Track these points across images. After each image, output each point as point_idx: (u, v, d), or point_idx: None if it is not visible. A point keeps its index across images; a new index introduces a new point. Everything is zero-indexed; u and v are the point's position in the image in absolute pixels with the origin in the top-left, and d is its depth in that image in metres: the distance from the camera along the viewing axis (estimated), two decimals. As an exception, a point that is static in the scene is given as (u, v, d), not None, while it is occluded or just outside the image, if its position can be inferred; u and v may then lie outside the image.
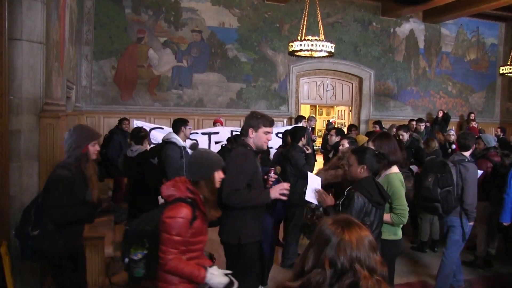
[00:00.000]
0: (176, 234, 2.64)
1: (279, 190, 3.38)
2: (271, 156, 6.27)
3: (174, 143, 5.45)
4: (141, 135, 5.95)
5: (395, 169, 3.61)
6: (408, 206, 3.54)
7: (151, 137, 7.54)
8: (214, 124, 8.66)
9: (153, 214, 2.90)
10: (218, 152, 6.87)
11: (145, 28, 10.29)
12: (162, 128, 7.86)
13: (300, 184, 4.95)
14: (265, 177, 3.72)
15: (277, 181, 3.75)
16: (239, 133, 6.11)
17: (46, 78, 4.40)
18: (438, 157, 5.76)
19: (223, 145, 6.86)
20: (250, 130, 3.48)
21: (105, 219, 5.70)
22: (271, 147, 7.37)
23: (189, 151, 5.23)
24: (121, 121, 8.78)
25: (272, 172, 3.77)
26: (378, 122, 9.51)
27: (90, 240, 4.63)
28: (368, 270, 1.48)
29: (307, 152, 5.62)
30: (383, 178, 3.57)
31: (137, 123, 7.85)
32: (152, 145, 6.92)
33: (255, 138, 3.50)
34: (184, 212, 2.69)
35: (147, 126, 7.69)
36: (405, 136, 7.36)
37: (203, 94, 10.79)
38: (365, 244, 1.52)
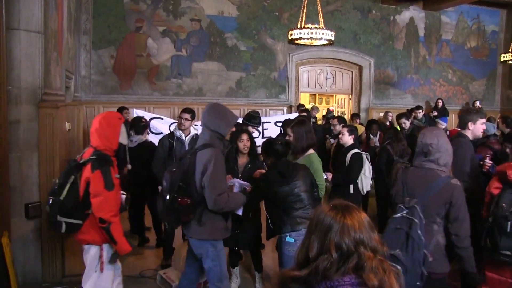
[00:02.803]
0: None
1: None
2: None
3: (167, 134, 5.46)
4: (142, 124, 5.96)
5: (311, 150, 4.28)
6: None
7: (151, 126, 7.56)
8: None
9: None
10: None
11: (143, 17, 10.23)
12: (162, 118, 7.86)
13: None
14: None
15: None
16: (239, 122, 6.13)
17: (44, 68, 4.40)
18: None
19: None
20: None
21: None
22: (269, 136, 7.37)
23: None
24: (120, 110, 8.75)
25: None
26: (355, 115, 10.06)
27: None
28: (371, 251, 1.53)
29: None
30: (303, 159, 4.19)
31: (137, 112, 7.87)
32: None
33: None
34: None
35: (147, 115, 7.70)
36: (407, 123, 7.38)
37: (203, 83, 10.75)
38: (365, 225, 1.57)
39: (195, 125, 5.47)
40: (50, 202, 3.27)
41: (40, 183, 4.32)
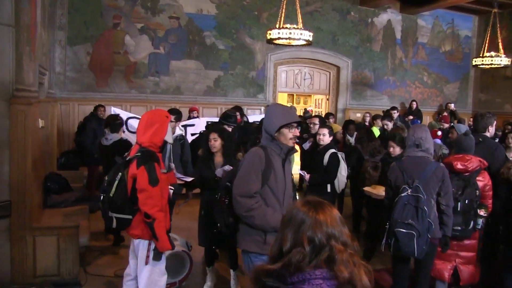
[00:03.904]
0: None
1: None
2: None
3: None
4: (118, 122, 5.88)
5: None
6: None
7: (128, 126, 7.46)
8: (190, 112, 8.59)
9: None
10: (195, 139, 6.86)
11: (121, 13, 10.09)
12: (139, 118, 7.76)
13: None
14: None
15: None
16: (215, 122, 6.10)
17: (16, 62, 4.29)
18: None
19: (202, 131, 6.82)
20: None
21: (80, 207, 5.62)
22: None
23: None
24: (96, 107, 8.64)
25: None
26: (330, 114, 10.10)
27: (65, 229, 4.58)
28: (342, 245, 1.57)
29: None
30: None
31: (114, 110, 7.76)
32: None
33: None
34: None
35: (124, 114, 7.60)
36: (389, 125, 7.51)
37: (181, 82, 10.67)
38: (337, 220, 1.62)
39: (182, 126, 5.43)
40: (102, 199, 3.39)
41: (10, 182, 4.21)
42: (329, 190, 5.08)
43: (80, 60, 9.82)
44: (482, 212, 3.98)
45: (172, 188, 3.70)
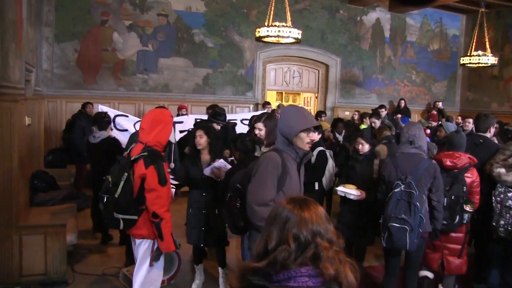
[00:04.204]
0: None
1: None
2: None
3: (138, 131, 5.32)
4: (105, 120, 5.83)
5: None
6: None
7: (116, 124, 7.41)
8: (179, 110, 8.56)
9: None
10: (184, 137, 6.84)
11: (109, 10, 10.02)
12: (127, 116, 7.72)
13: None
14: None
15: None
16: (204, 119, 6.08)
17: (1, 59, 4.23)
18: (389, 143, 5.99)
19: (190, 129, 6.80)
20: None
21: (68, 206, 5.58)
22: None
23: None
24: (84, 105, 8.58)
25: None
26: (322, 112, 10.06)
27: (52, 228, 4.54)
28: (327, 242, 1.57)
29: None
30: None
31: (102, 108, 7.69)
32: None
33: None
34: None
35: (112, 112, 7.54)
36: (377, 123, 7.54)
37: (169, 79, 10.63)
38: (322, 218, 1.61)
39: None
40: (104, 200, 3.32)
41: (-4, 180, 4.17)
42: (317, 188, 5.08)
43: (68, 57, 9.73)
44: (468, 208, 4.08)
45: (174, 187, 3.71)
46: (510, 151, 4.23)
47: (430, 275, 4.45)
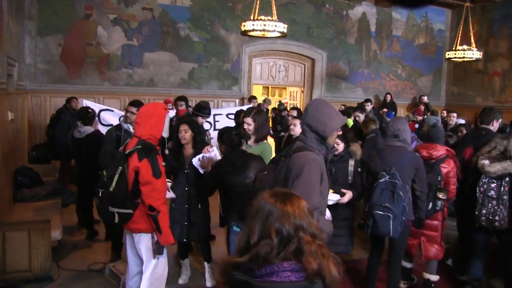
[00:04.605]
0: None
1: None
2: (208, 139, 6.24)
3: (115, 126, 5.22)
4: (90, 115, 5.78)
5: (265, 139, 4.32)
6: None
7: (101, 118, 7.33)
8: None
9: None
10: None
11: (93, 4, 9.91)
12: (113, 111, 7.64)
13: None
14: None
15: None
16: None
17: (-18, 53, 4.16)
18: (376, 136, 6.07)
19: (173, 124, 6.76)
20: None
21: (52, 201, 5.53)
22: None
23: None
24: (69, 100, 8.49)
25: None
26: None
27: (36, 224, 4.49)
28: (310, 236, 1.56)
29: None
30: (258, 147, 4.18)
31: (86, 102, 7.61)
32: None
33: None
34: None
35: (97, 107, 7.47)
36: (361, 117, 7.57)
37: (154, 74, 10.56)
38: (305, 212, 1.60)
39: None
40: (100, 194, 3.34)
41: (-22, 175, 4.11)
42: None
43: (51, 51, 9.61)
44: (441, 195, 4.28)
45: (170, 181, 3.71)
46: (495, 143, 4.32)
47: (408, 265, 4.67)
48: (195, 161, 4.15)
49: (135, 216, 3.36)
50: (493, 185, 4.21)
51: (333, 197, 4.06)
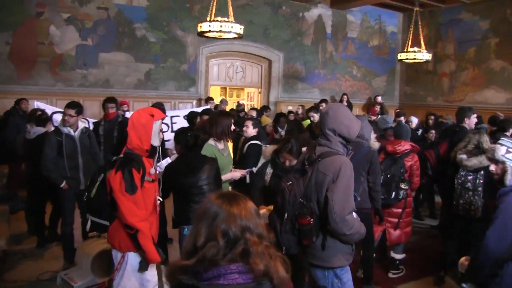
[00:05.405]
0: None
1: None
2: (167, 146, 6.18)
3: (54, 131, 5.00)
4: (44, 117, 5.64)
5: (211, 141, 4.36)
6: None
7: (54, 121, 7.14)
8: (120, 106, 8.36)
9: None
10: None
11: (45, 2, 9.60)
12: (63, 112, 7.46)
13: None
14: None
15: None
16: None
17: None
18: None
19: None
20: None
21: (-2, 208, 5.34)
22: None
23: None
24: (18, 101, 8.20)
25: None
26: (266, 107, 10.26)
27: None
28: (257, 237, 1.56)
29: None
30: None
31: (38, 104, 7.40)
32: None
33: None
34: None
35: (49, 109, 7.27)
36: (316, 117, 7.67)
37: (110, 75, 10.36)
38: (252, 212, 1.60)
39: (84, 119, 5.21)
40: (85, 198, 3.20)
41: None
42: (248, 181, 4.86)
43: (-2, 50, 9.25)
44: (403, 186, 4.74)
45: (160, 199, 3.41)
46: (469, 138, 4.64)
47: (397, 256, 5.11)
48: (163, 165, 4.02)
49: (109, 230, 3.16)
50: (469, 177, 4.51)
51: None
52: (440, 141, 5.77)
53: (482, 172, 4.40)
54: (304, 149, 4.85)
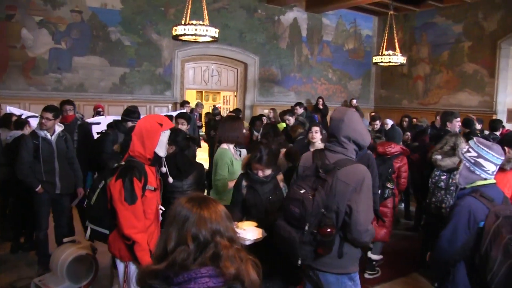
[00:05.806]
0: None
1: None
2: None
3: (30, 134, 4.91)
4: (21, 121, 5.58)
5: (225, 145, 4.29)
6: None
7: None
8: (95, 110, 8.30)
9: None
10: (98, 138, 6.63)
11: (16, 4, 9.43)
12: (38, 116, 7.35)
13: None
14: None
15: None
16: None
17: None
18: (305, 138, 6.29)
19: (103, 131, 6.57)
20: None
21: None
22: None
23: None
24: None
25: None
26: (237, 110, 10.04)
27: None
28: (228, 240, 1.56)
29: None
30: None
31: (10, 109, 7.28)
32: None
33: None
34: None
35: (24, 114, 7.15)
36: (291, 120, 7.74)
37: (84, 79, 10.25)
38: (222, 216, 1.59)
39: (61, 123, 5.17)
40: (85, 205, 3.13)
41: None
42: None
43: (-33, 54, 9.06)
44: (389, 185, 4.93)
45: (163, 208, 3.28)
46: (446, 140, 4.82)
47: (374, 257, 5.18)
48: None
49: (111, 237, 3.06)
50: (443, 177, 4.70)
51: (250, 236, 3.13)
52: (428, 144, 6.04)
53: (455, 172, 4.53)
54: (281, 154, 4.88)
